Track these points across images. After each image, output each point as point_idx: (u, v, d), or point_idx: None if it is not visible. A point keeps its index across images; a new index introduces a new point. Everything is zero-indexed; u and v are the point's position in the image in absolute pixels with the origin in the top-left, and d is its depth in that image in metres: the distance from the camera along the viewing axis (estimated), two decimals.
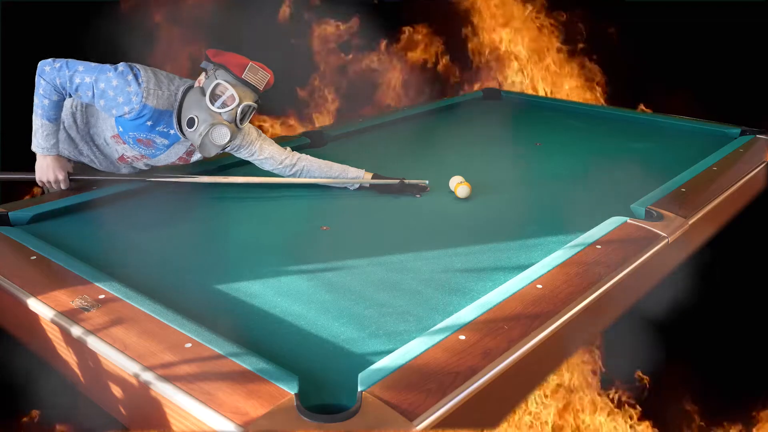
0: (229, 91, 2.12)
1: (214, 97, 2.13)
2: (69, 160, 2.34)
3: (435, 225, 2.15)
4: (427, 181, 2.44)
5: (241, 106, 2.14)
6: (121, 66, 2.13)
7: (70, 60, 2.14)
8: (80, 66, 2.13)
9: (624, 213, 2.10)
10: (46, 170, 2.22)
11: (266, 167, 2.40)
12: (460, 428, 1.28)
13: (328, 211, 2.25)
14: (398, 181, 2.39)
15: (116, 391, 1.40)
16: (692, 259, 2.22)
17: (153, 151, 2.27)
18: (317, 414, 1.17)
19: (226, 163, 2.59)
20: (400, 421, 1.16)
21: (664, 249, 1.93)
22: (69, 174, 2.26)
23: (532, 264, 1.75)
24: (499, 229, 2.08)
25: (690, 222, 2.07)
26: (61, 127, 2.29)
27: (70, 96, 2.17)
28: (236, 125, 2.16)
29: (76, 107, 2.29)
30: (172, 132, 2.22)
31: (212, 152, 2.18)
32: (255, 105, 2.19)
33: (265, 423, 1.15)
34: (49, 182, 2.23)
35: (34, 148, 2.21)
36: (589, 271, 1.72)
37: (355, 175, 2.42)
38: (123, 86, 2.10)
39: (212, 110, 2.12)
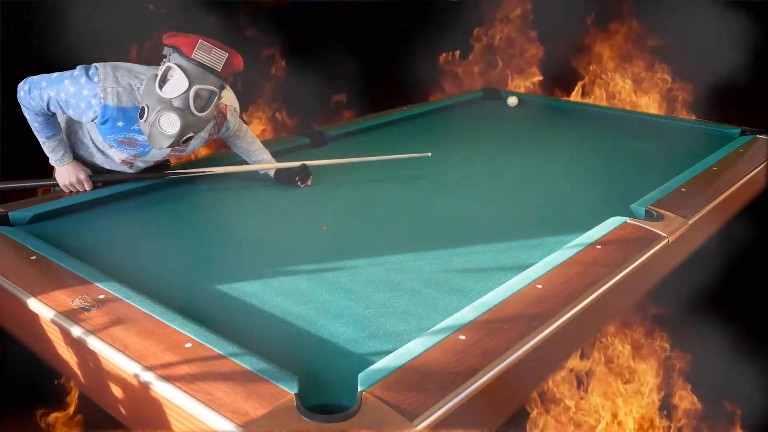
0: (177, 73, 1.91)
1: (163, 82, 1.93)
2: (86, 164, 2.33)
3: (435, 225, 2.15)
4: (429, 154, 2.59)
5: (192, 90, 1.92)
6: (77, 69, 2.00)
7: (33, 78, 2.02)
8: (43, 82, 2.00)
9: (624, 213, 2.10)
10: (67, 175, 2.22)
11: (237, 148, 2.40)
12: (460, 428, 1.28)
13: (328, 211, 2.25)
14: (300, 164, 2.40)
15: (116, 391, 1.40)
16: (692, 259, 2.22)
17: (140, 149, 2.15)
18: (317, 414, 1.17)
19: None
20: (400, 421, 1.16)
21: (664, 249, 1.93)
22: (89, 175, 2.26)
23: (532, 264, 1.75)
24: (499, 229, 2.08)
25: (690, 222, 2.07)
26: (75, 129, 2.23)
27: (52, 114, 2.07)
28: (191, 112, 1.94)
29: None
30: None
31: (163, 143, 1.96)
32: (215, 89, 1.96)
33: (265, 423, 1.15)
34: (71, 184, 2.23)
35: (51, 162, 2.22)
36: (589, 271, 1.72)
37: (269, 160, 2.44)
38: (79, 91, 1.97)
39: (162, 96, 1.91)
